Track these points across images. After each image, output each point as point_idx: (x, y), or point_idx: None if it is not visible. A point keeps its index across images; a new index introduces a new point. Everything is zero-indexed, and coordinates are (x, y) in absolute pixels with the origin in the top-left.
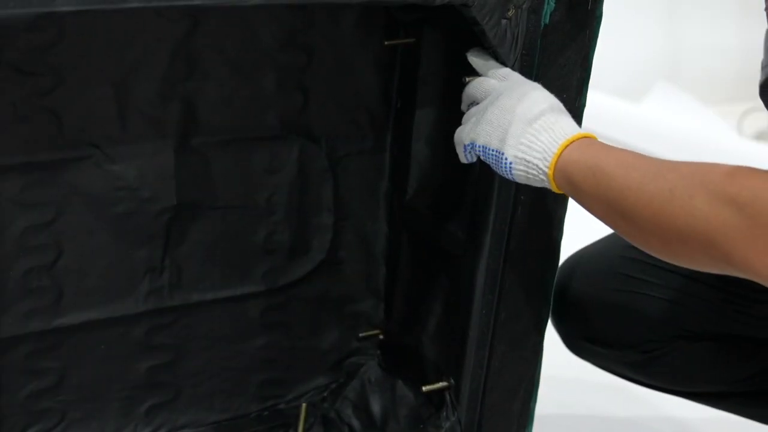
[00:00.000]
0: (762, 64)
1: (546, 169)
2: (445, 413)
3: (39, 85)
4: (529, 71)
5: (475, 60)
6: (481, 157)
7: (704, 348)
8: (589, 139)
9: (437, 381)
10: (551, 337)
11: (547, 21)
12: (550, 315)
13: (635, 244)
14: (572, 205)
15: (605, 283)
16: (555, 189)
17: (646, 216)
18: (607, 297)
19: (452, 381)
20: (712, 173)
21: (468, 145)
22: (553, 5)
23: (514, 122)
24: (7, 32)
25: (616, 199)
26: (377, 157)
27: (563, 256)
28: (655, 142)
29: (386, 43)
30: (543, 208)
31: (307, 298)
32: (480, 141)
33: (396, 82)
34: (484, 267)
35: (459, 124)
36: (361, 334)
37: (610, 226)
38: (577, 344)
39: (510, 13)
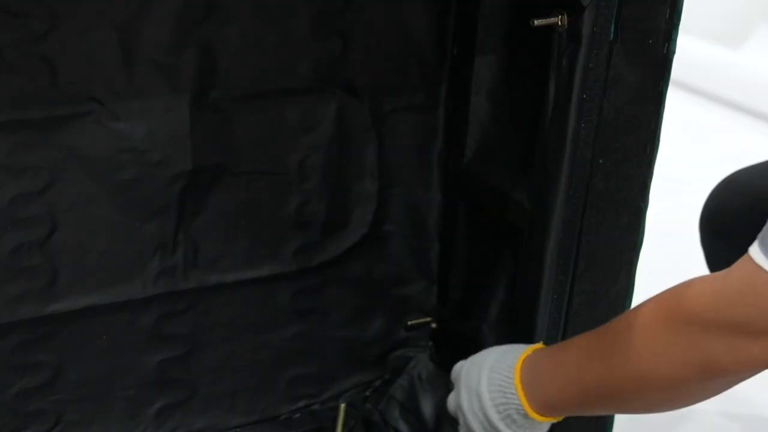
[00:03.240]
0: None
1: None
2: None
3: (29, 29)
4: (608, 12)
5: None
6: None
7: None
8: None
9: None
10: None
11: None
12: (699, 231)
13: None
14: (660, 171)
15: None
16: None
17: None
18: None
19: None
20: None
21: None
22: None
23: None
24: None
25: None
26: (429, 113)
27: (649, 229)
28: (756, 96)
29: None
30: (625, 174)
31: (347, 280)
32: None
33: (452, 24)
34: (555, 244)
35: (527, 73)
36: (409, 322)
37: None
38: (721, 268)
39: None
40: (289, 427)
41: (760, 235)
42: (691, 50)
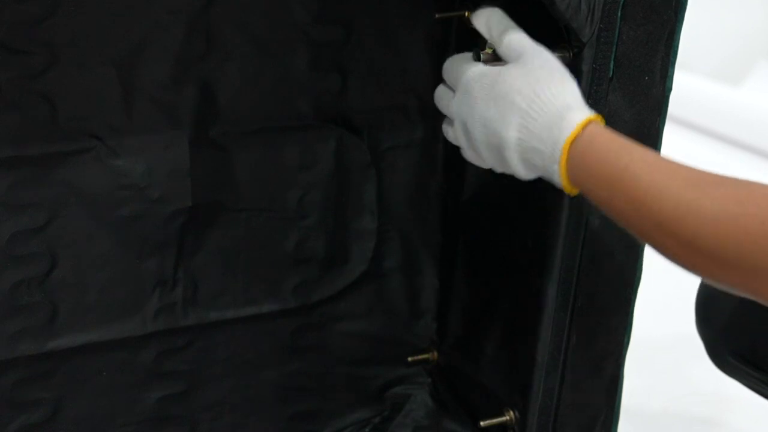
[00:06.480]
0: None
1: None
2: None
3: (29, 66)
4: (607, 49)
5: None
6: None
7: None
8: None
9: (498, 414)
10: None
11: None
12: (695, 318)
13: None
14: None
15: None
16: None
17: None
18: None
19: (516, 414)
20: None
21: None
22: None
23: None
24: None
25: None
26: (429, 149)
27: (647, 266)
28: (757, 134)
29: (438, 15)
30: None
31: (346, 317)
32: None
33: None
34: (555, 280)
35: None
36: (409, 359)
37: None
38: (722, 358)
39: None
40: None
41: None
42: (690, 87)
